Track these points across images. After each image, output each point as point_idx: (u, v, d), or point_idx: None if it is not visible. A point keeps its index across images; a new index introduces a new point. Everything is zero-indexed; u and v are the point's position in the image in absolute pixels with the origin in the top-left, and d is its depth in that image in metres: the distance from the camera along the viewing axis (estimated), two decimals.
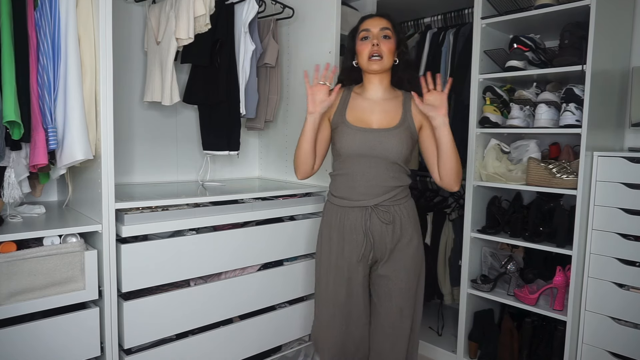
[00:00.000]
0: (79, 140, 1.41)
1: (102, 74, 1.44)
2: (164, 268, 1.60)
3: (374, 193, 1.51)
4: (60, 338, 1.40)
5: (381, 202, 1.51)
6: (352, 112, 1.57)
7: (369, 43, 1.51)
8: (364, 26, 1.55)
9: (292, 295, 1.99)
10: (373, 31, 1.52)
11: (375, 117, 1.55)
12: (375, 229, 1.51)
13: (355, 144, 1.51)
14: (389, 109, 1.56)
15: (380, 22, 1.54)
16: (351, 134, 1.52)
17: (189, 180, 2.23)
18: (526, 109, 2.02)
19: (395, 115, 1.55)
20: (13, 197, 1.44)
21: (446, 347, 2.32)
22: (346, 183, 1.54)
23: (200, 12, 1.76)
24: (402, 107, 1.56)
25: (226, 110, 1.96)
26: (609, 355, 1.78)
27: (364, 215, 1.52)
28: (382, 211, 1.51)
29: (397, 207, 1.53)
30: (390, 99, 1.58)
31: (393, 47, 1.53)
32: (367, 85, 1.60)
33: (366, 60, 1.52)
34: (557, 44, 1.97)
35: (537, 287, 1.99)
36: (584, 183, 1.79)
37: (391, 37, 1.53)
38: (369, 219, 1.51)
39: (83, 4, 1.44)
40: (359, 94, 1.61)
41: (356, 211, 1.53)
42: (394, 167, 1.52)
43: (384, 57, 1.51)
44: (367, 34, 1.53)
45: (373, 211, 1.51)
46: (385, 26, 1.53)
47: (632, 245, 1.72)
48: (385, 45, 1.51)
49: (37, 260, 1.35)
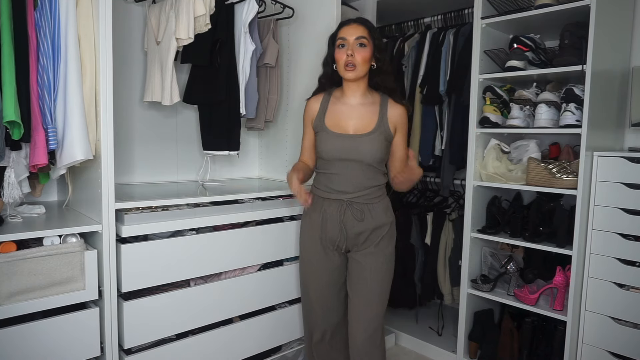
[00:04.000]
0: (79, 140, 1.41)
1: (102, 74, 1.44)
2: (164, 268, 1.60)
3: (349, 190, 1.61)
4: (60, 338, 1.40)
5: (355, 199, 1.61)
6: (331, 117, 1.65)
7: (344, 52, 1.57)
8: (340, 34, 1.60)
9: (292, 295, 1.99)
10: (349, 40, 1.57)
11: (352, 122, 1.63)
12: (348, 222, 1.62)
13: (334, 148, 1.61)
14: (364, 114, 1.63)
15: (356, 30, 1.58)
16: (330, 140, 1.62)
17: (189, 180, 2.23)
18: (526, 109, 2.02)
19: (370, 121, 1.62)
20: (13, 197, 1.44)
21: (446, 347, 2.32)
22: (327, 180, 1.65)
23: (200, 12, 1.76)
24: (378, 111, 1.64)
25: (226, 110, 1.96)
26: (609, 355, 1.78)
27: (339, 209, 1.62)
28: (356, 209, 1.61)
29: (371, 205, 1.62)
30: (367, 104, 1.65)
31: (368, 55, 1.59)
32: (346, 89, 1.66)
33: (342, 68, 1.59)
34: (557, 44, 1.97)
35: (537, 287, 1.99)
36: (584, 183, 1.79)
37: (367, 45, 1.58)
38: (344, 214, 1.62)
39: (83, 4, 1.44)
40: (338, 99, 1.68)
41: (334, 204, 1.63)
42: (370, 169, 1.61)
43: (357, 66, 1.57)
44: (343, 42, 1.58)
45: (348, 207, 1.61)
46: (360, 35, 1.57)
47: (632, 245, 1.72)
48: (360, 54, 1.57)
49: (37, 260, 1.35)
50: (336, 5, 2.03)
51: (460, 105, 2.26)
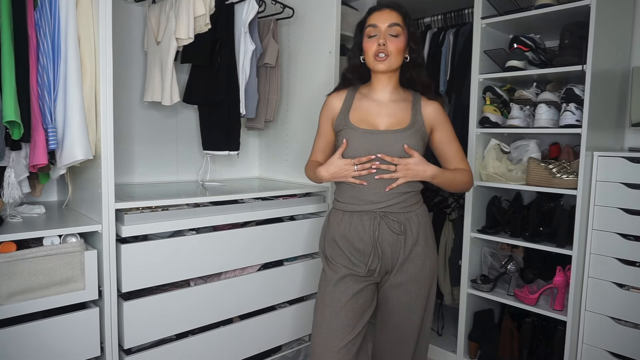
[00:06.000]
0: (79, 140, 1.41)
1: (102, 74, 1.44)
2: (164, 268, 1.60)
3: (382, 199, 1.39)
4: (60, 338, 1.40)
5: (391, 209, 1.39)
6: (356, 113, 1.45)
7: (375, 41, 1.38)
8: (371, 20, 1.41)
9: (292, 295, 1.99)
10: (380, 27, 1.38)
11: (382, 119, 1.43)
12: (384, 239, 1.39)
13: (362, 147, 1.40)
14: (396, 111, 1.44)
15: (389, 16, 1.40)
16: (357, 137, 1.41)
17: (189, 180, 2.23)
18: (526, 109, 2.02)
19: (404, 117, 1.43)
20: (13, 197, 1.44)
21: (446, 347, 2.32)
22: (353, 190, 1.42)
23: (200, 12, 1.76)
24: (411, 108, 1.45)
25: (226, 110, 1.96)
26: (609, 355, 1.78)
27: (372, 224, 1.39)
28: (393, 220, 1.39)
29: (409, 215, 1.41)
30: (399, 101, 1.46)
31: (402, 46, 1.40)
32: (375, 84, 1.47)
33: (372, 59, 1.40)
34: (557, 44, 1.97)
35: (537, 287, 1.99)
36: (584, 183, 1.79)
37: (401, 34, 1.39)
38: (378, 228, 1.39)
39: (83, 4, 1.44)
40: (364, 95, 1.49)
41: (364, 218, 1.40)
42: None
43: (390, 56, 1.39)
44: (374, 31, 1.39)
45: (382, 219, 1.39)
46: (394, 22, 1.39)
47: (632, 245, 1.72)
48: (393, 44, 1.38)
49: (37, 260, 1.34)
50: (336, 5, 2.03)
51: (460, 105, 2.26)
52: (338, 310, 1.40)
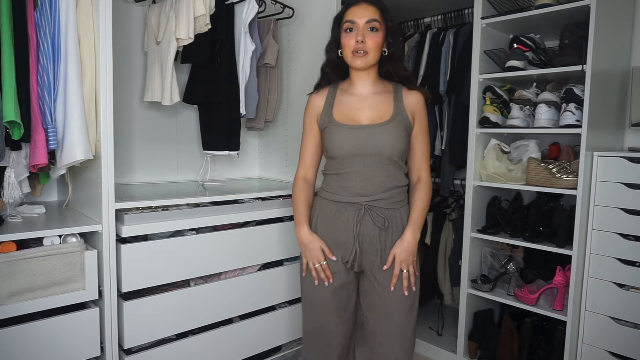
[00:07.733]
0: (79, 140, 1.41)
1: (102, 74, 1.44)
2: (164, 268, 1.60)
3: (369, 192, 1.41)
4: (61, 338, 1.40)
5: (377, 204, 1.41)
6: (339, 109, 1.45)
7: (353, 37, 1.37)
8: (348, 16, 1.40)
9: (292, 295, 1.99)
10: (358, 23, 1.37)
11: (365, 113, 1.43)
12: (366, 233, 1.41)
13: (347, 143, 1.40)
14: (378, 103, 1.44)
15: (367, 11, 1.38)
16: (341, 133, 1.41)
17: (189, 180, 2.23)
18: (526, 109, 2.02)
19: (386, 109, 1.43)
20: (13, 197, 1.44)
21: (446, 347, 2.32)
22: (340, 183, 1.44)
23: (200, 12, 1.76)
24: (393, 99, 1.44)
25: (226, 110, 1.96)
26: (609, 355, 1.78)
27: (356, 215, 1.41)
28: (377, 214, 1.40)
29: (394, 212, 1.43)
30: (380, 93, 1.46)
31: (380, 41, 1.39)
32: (354, 79, 1.47)
33: (350, 55, 1.40)
34: (557, 44, 1.97)
35: (537, 287, 1.99)
36: (584, 183, 1.79)
37: (379, 29, 1.38)
38: (362, 221, 1.40)
39: (83, 4, 1.44)
40: (344, 90, 1.49)
41: (349, 209, 1.42)
42: (390, 165, 1.41)
43: (369, 52, 1.38)
44: (352, 25, 1.38)
45: (367, 212, 1.40)
46: (372, 17, 1.37)
47: (632, 245, 1.72)
48: (372, 40, 1.37)
49: (37, 260, 1.35)
50: (336, 5, 2.03)
51: (460, 105, 2.26)
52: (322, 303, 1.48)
